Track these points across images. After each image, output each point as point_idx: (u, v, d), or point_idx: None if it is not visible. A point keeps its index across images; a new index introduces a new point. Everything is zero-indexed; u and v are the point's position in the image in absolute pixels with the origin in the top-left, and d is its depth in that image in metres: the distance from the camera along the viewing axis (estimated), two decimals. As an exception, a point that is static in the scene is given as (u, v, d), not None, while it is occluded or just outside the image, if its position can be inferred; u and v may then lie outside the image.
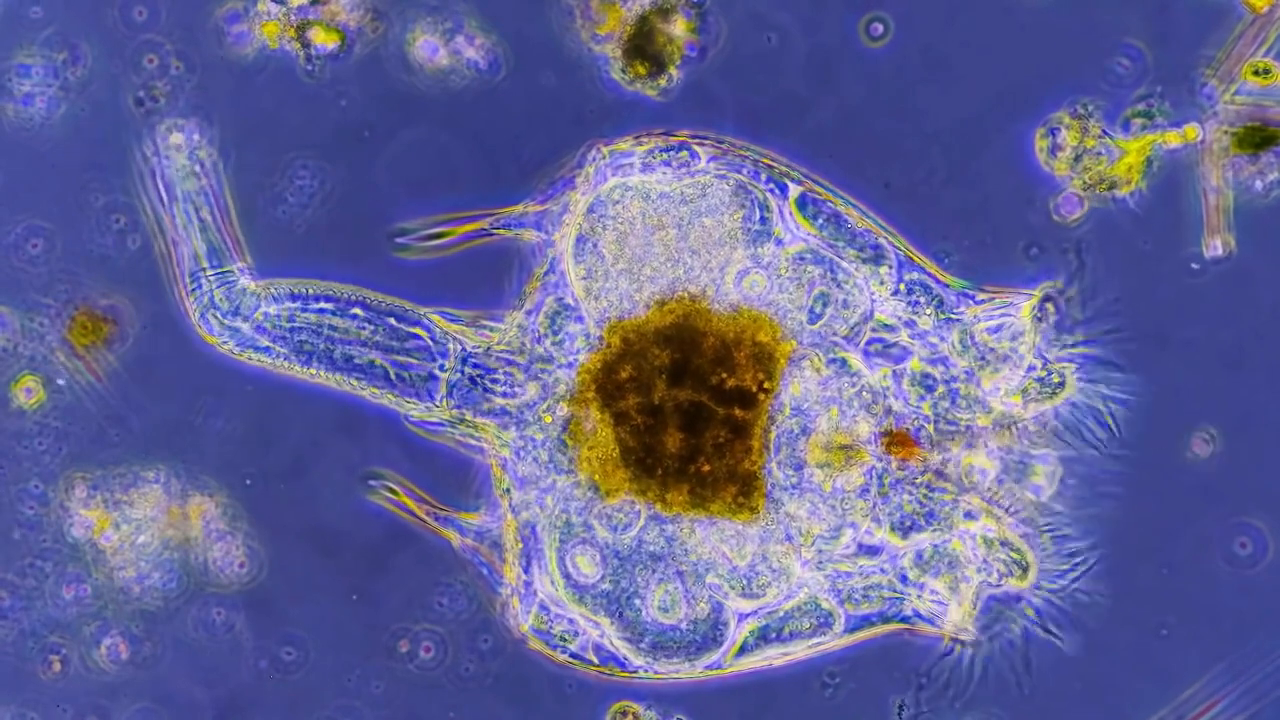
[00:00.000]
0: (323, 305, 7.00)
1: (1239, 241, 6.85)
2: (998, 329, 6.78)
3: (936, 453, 6.75)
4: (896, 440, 6.75)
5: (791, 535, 6.78)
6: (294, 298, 7.00)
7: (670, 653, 6.86)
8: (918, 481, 6.76)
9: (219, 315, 6.99)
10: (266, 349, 6.99)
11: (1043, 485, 6.79)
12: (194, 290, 7.02)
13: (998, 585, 6.76)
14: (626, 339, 6.79)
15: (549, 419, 6.86)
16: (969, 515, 6.77)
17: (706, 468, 6.74)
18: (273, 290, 7.01)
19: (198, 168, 7.01)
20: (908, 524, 6.78)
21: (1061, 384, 6.75)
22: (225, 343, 7.02)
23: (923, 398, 6.77)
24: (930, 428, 6.76)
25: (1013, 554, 6.75)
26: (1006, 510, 6.77)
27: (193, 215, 7.02)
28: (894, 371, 6.79)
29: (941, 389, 6.77)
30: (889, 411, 6.77)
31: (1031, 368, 6.76)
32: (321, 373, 6.98)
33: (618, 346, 6.80)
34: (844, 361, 6.78)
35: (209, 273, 7.02)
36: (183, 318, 7.09)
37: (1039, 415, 6.79)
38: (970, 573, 6.75)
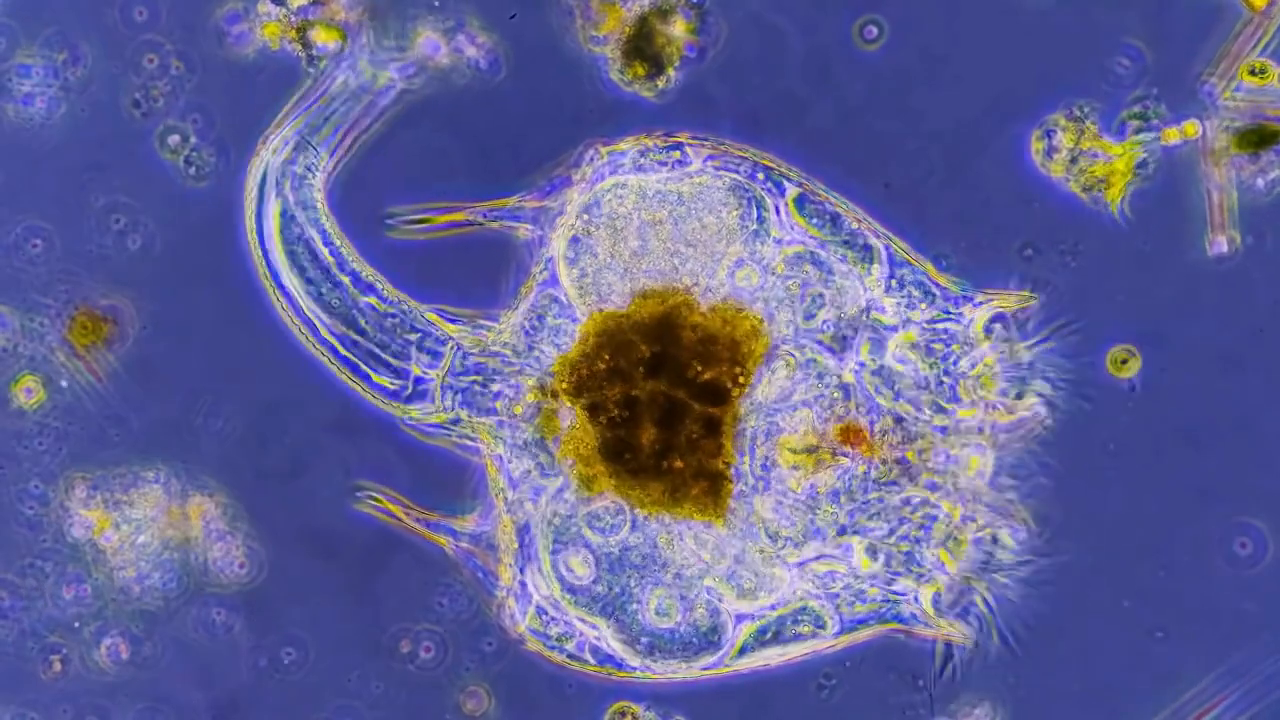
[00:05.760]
0: (346, 280, 7.00)
1: (1241, 240, 6.84)
2: (970, 345, 6.78)
3: (898, 444, 6.72)
4: (849, 433, 6.71)
5: (762, 538, 6.76)
6: (336, 255, 6.99)
7: (668, 653, 6.85)
8: (876, 477, 6.72)
9: (290, 184, 6.97)
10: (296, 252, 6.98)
11: (975, 477, 6.78)
12: (304, 147, 6.97)
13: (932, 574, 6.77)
14: (608, 330, 6.77)
15: (519, 409, 6.85)
16: (911, 505, 6.74)
17: (679, 464, 6.72)
18: (328, 228, 7.00)
19: (367, 93, 6.95)
20: (871, 519, 6.75)
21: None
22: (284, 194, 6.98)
23: (898, 395, 6.75)
24: (888, 420, 6.73)
25: (952, 548, 6.75)
26: (966, 504, 6.77)
27: (340, 107, 6.96)
28: (871, 369, 6.76)
29: (923, 386, 6.76)
30: (856, 407, 6.74)
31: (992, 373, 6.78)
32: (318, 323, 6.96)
33: (598, 337, 6.78)
34: (819, 362, 6.76)
35: (315, 147, 6.96)
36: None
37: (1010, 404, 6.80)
38: (902, 549, 6.74)
